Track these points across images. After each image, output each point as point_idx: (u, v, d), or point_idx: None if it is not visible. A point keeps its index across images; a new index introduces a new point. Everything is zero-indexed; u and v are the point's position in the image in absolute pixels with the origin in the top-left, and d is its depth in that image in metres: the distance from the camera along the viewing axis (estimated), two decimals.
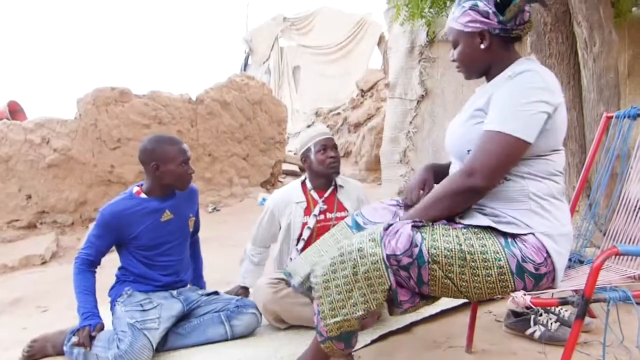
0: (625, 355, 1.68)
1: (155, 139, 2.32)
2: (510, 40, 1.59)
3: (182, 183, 2.32)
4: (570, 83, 3.05)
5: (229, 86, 6.64)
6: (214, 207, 6.18)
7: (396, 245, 1.42)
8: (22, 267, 4.55)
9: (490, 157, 1.43)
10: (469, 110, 1.61)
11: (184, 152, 2.29)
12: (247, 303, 2.37)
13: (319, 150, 2.51)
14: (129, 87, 5.90)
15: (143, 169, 2.30)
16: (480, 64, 1.62)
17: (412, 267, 1.44)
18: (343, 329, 1.49)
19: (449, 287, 1.45)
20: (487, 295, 1.46)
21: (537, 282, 1.45)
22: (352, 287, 1.46)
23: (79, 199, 5.57)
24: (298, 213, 2.52)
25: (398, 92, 4.88)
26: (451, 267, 1.42)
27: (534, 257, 1.42)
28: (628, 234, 1.83)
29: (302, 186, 2.60)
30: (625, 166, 1.96)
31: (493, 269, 1.41)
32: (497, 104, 1.47)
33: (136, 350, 1.96)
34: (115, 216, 2.24)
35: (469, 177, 1.44)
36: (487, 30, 1.55)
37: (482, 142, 1.45)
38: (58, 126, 5.54)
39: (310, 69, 12.80)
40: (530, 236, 1.45)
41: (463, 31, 1.59)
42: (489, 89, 1.56)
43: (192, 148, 6.27)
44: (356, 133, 9.42)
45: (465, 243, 1.43)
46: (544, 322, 1.99)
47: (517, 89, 1.46)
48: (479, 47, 1.58)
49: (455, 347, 1.97)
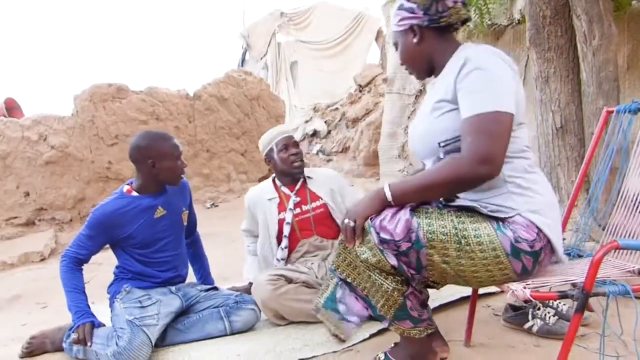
0: (623, 349, 1.68)
1: (147, 136, 2.29)
2: (443, 29, 1.60)
3: (176, 178, 2.32)
4: (570, 76, 3.04)
5: (226, 82, 6.63)
6: (212, 202, 6.18)
7: (395, 230, 1.43)
8: (21, 264, 4.56)
9: (495, 140, 1.39)
10: (427, 107, 1.61)
11: (177, 147, 2.29)
12: (246, 299, 2.37)
13: (281, 150, 2.59)
14: (126, 83, 5.89)
15: (135, 166, 2.29)
16: (421, 59, 1.65)
17: (411, 251, 1.45)
18: (393, 307, 1.52)
19: (447, 272, 1.46)
20: (486, 279, 1.46)
21: (535, 260, 1.44)
22: (369, 272, 1.50)
23: (77, 196, 5.57)
24: (272, 209, 2.58)
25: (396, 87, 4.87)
26: (447, 251, 1.43)
27: (526, 236, 1.42)
28: (627, 229, 1.83)
29: (273, 183, 2.68)
30: (625, 161, 1.96)
31: (488, 251, 1.41)
32: (469, 88, 1.44)
33: (135, 346, 1.96)
34: (108, 216, 2.22)
35: (481, 165, 1.38)
36: (416, 24, 1.59)
37: (476, 126, 1.40)
38: (55, 123, 5.53)
39: (308, 64, 12.78)
40: (517, 217, 1.45)
41: (398, 31, 1.65)
42: (444, 79, 1.56)
43: (190, 144, 6.27)
44: (354, 128, 9.42)
45: (459, 227, 1.43)
46: (542, 316, 2.00)
47: (483, 68, 1.44)
48: (412, 43, 1.62)
49: (454, 340, 1.97)
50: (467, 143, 1.41)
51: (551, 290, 1.44)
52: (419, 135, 1.61)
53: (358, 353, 1.99)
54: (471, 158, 1.39)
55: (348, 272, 1.56)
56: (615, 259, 1.80)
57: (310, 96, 12.26)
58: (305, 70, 12.85)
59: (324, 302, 1.66)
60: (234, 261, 3.81)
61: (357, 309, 1.61)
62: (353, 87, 10.80)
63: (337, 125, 10.20)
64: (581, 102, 3.07)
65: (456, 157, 1.43)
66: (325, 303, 1.65)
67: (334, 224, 2.58)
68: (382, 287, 1.50)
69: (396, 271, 1.49)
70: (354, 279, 1.56)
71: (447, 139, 1.50)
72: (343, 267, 1.56)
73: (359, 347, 2.04)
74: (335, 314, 1.63)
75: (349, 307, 1.61)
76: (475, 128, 1.40)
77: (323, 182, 2.64)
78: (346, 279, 1.57)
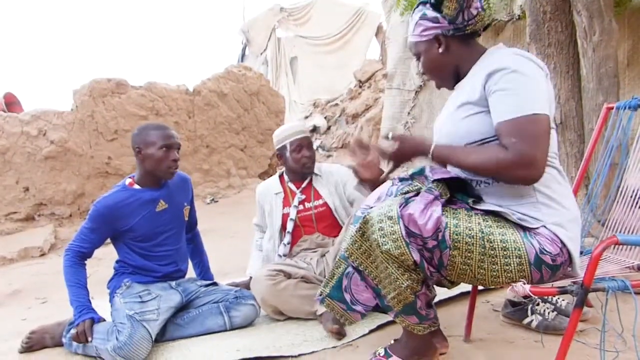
0: (621, 344, 1.69)
1: (144, 125, 2.33)
2: (468, 37, 1.61)
3: (163, 170, 2.26)
4: (569, 72, 3.04)
5: (226, 77, 6.62)
6: (212, 198, 6.18)
7: (425, 227, 1.42)
8: (21, 259, 4.56)
9: (540, 143, 1.38)
10: (451, 107, 1.61)
11: (167, 137, 2.25)
12: (246, 294, 2.38)
13: (295, 150, 2.57)
14: (125, 79, 5.87)
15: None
16: (446, 68, 1.64)
17: (435, 250, 1.45)
18: (402, 302, 1.52)
19: (467, 273, 1.46)
20: (504, 283, 1.46)
21: (553, 273, 1.46)
22: (387, 263, 1.48)
23: (77, 191, 5.57)
24: (277, 203, 2.62)
25: (396, 82, 4.86)
26: (471, 254, 1.43)
27: (550, 249, 1.43)
28: (626, 225, 1.83)
29: (280, 178, 2.70)
30: (624, 157, 1.96)
31: (512, 258, 1.42)
32: (506, 91, 1.43)
33: (135, 341, 1.97)
34: (110, 209, 2.23)
35: (524, 168, 1.37)
36: (441, 33, 1.59)
37: (518, 128, 1.38)
38: (55, 118, 5.53)
39: (308, 59, 12.76)
40: (542, 228, 1.45)
41: (421, 41, 1.64)
42: (470, 79, 1.56)
43: (190, 139, 6.26)
44: (354, 124, 9.42)
45: (486, 231, 1.43)
46: (541, 312, 2.00)
47: (519, 71, 1.43)
48: (438, 52, 1.62)
49: (454, 336, 1.98)
50: (511, 143, 1.38)
51: (551, 286, 1.44)
52: (446, 135, 1.61)
53: (357, 348, 2.00)
54: (517, 161, 1.38)
55: (361, 260, 1.55)
56: (614, 255, 1.80)
57: (310, 92, 12.25)
58: (305, 66, 12.82)
59: (329, 291, 1.66)
60: (234, 257, 3.82)
61: (362, 299, 1.60)
62: (353, 83, 10.79)
63: (337, 120, 10.20)
64: (581, 98, 3.07)
65: (501, 156, 1.40)
66: (331, 292, 1.65)
67: (335, 222, 2.59)
68: (397, 282, 1.49)
69: (416, 268, 1.48)
70: (366, 267, 1.55)
71: (473, 141, 1.52)
72: (357, 255, 1.55)
73: (358, 343, 2.05)
74: (340, 303, 1.63)
75: (354, 296, 1.61)
76: (518, 129, 1.39)
77: (329, 180, 2.65)
78: (358, 267, 1.57)
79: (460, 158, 1.50)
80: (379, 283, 1.55)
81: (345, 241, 1.60)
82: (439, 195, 1.47)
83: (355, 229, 1.55)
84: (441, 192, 1.49)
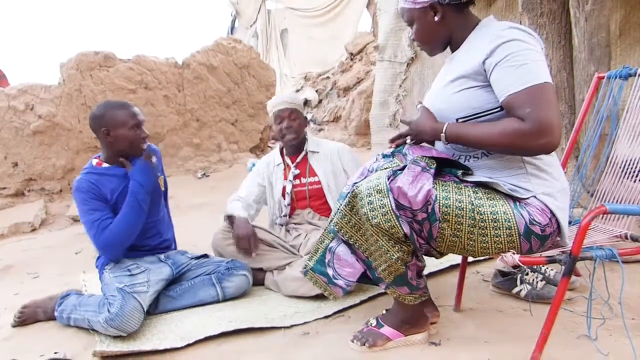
0: (608, 311, 1.72)
1: (103, 105, 2.27)
2: (464, 5, 1.58)
3: (135, 148, 2.27)
4: (561, 42, 3.01)
5: (215, 50, 6.51)
6: (203, 172, 6.15)
7: (415, 199, 1.42)
8: (12, 235, 4.54)
9: (555, 109, 1.37)
10: (443, 81, 1.59)
11: (135, 116, 2.24)
12: (238, 265, 2.39)
13: (275, 121, 2.60)
14: (113, 52, 5.76)
15: (96, 136, 2.25)
16: (440, 36, 1.62)
17: (425, 222, 1.46)
18: (393, 274, 1.54)
19: (456, 244, 1.48)
20: (493, 253, 1.48)
21: (542, 243, 1.48)
22: (377, 236, 1.49)
23: (66, 166, 5.51)
24: (279, 174, 2.66)
25: (387, 54, 4.80)
26: (460, 225, 1.44)
27: (540, 219, 1.44)
28: (615, 195, 1.85)
29: (280, 151, 2.73)
30: (614, 127, 1.96)
31: (502, 229, 1.43)
32: (512, 63, 1.41)
33: (127, 312, 1.97)
34: (91, 181, 2.22)
35: (544, 136, 1.35)
36: (437, 1, 1.56)
37: (532, 96, 1.37)
38: (42, 92, 5.43)
39: (298, 32, 12.56)
40: (532, 199, 1.46)
41: (415, 9, 1.60)
42: (466, 54, 1.54)
43: (180, 113, 6.20)
44: (345, 97, 9.35)
45: (476, 203, 1.44)
46: (530, 281, 2.03)
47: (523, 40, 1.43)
48: (433, 21, 1.59)
49: (444, 306, 2.00)
50: (527, 113, 1.36)
51: (539, 256, 1.46)
52: (437, 110, 1.59)
53: (349, 319, 2.02)
54: (537, 129, 1.36)
55: (351, 234, 1.56)
56: (602, 225, 1.82)
57: (301, 65, 12.10)
58: (296, 39, 12.64)
59: (313, 265, 1.68)
60: None
61: (345, 274, 1.62)
62: (344, 56, 10.67)
63: (328, 94, 10.12)
64: (572, 69, 3.05)
65: (518, 126, 1.38)
66: (314, 266, 1.67)
67: (327, 202, 2.61)
68: (387, 254, 1.50)
69: (406, 240, 1.49)
70: (356, 241, 1.56)
71: (465, 115, 1.51)
72: (346, 229, 1.56)
73: (350, 313, 2.07)
74: (323, 277, 1.65)
75: (337, 270, 1.62)
76: (532, 99, 1.37)
77: (325, 157, 2.63)
78: (348, 240, 1.58)
79: (477, 135, 1.46)
80: (370, 256, 1.56)
81: (334, 215, 1.60)
82: (425, 166, 1.47)
83: (344, 202, 1.56)
84: (427, 163, 1.49)
